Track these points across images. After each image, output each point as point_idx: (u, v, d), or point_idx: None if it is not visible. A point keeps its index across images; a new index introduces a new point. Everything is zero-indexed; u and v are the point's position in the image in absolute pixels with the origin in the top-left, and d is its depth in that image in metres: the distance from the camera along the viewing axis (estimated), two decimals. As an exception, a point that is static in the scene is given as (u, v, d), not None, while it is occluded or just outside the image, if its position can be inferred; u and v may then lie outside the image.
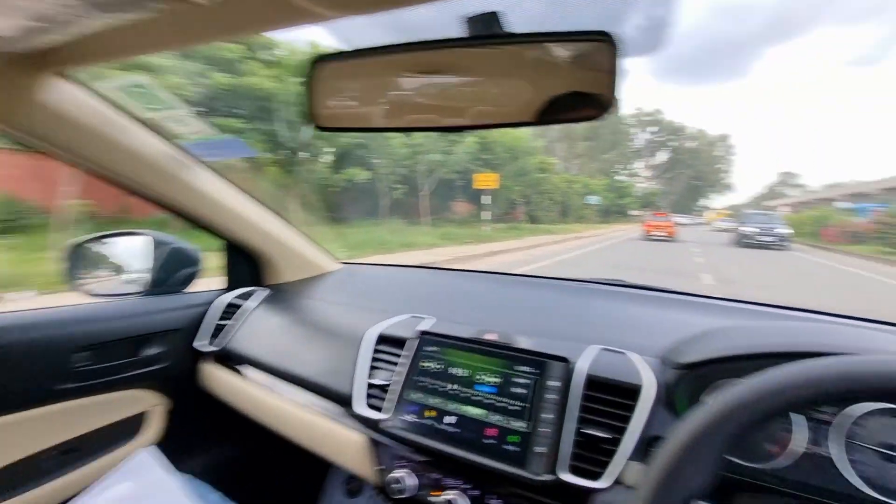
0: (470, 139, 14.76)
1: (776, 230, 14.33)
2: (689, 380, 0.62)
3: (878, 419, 0.68)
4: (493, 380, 0.71)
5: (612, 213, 42.32)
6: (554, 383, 0.67)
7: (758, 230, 14.49)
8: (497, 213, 17.59)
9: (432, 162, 14.78)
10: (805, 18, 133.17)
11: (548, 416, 0.64)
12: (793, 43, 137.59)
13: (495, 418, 0.67)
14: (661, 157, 65.89)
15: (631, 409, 0.62)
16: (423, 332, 0.80)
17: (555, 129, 48.73)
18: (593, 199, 31.38)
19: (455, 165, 15.48)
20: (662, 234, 18.77)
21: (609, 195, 39.69)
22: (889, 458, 0.64)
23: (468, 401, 0.70)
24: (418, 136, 13.26)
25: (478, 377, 0.72)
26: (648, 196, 56.90)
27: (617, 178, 54.44)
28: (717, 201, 78.67)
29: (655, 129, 64.82)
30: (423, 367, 0.76)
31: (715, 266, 9.53)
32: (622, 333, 0.85)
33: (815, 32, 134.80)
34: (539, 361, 0.70)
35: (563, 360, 0.69)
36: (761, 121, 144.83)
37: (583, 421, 0.63)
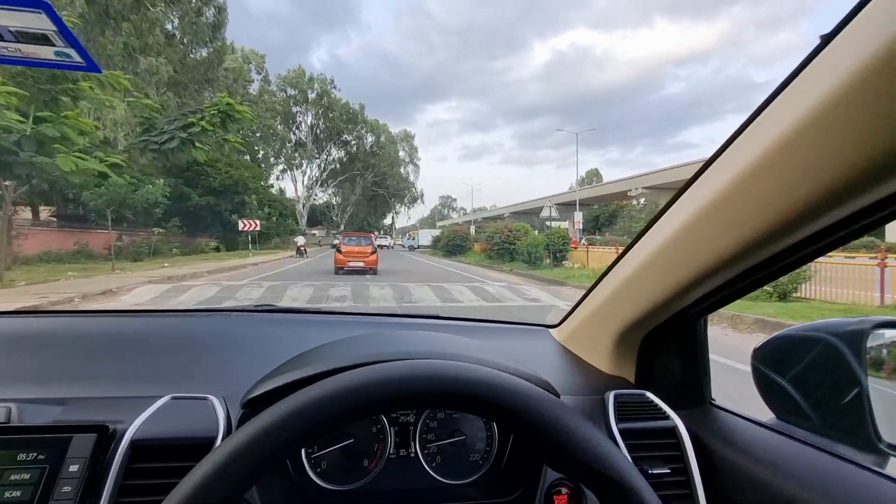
0: None
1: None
2: None
3: (446, 414, 0.73)
4: None
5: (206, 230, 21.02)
6: (75, 468, 0.50)
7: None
8: None
9: None
10: (444, 87, 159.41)
11: None
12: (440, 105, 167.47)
13: None
14: (335, 153, 45.21)
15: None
16: None
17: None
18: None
19: None
20: (360, 263, 13.93)
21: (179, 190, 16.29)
22: (453, 444, 0.72)
23: None
24: None
25: None
26: (321, 207, 42.17)
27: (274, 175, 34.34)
28: (404, 215, 61.00)
29: (322, 108, 42.12)
30: None
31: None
32: (224, 370, 0.75)
33: (454, 101, 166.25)
34: (52, 440, 0.51)
35: (99, 428, 0.53)
36: (426, 158, 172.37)
37: None
